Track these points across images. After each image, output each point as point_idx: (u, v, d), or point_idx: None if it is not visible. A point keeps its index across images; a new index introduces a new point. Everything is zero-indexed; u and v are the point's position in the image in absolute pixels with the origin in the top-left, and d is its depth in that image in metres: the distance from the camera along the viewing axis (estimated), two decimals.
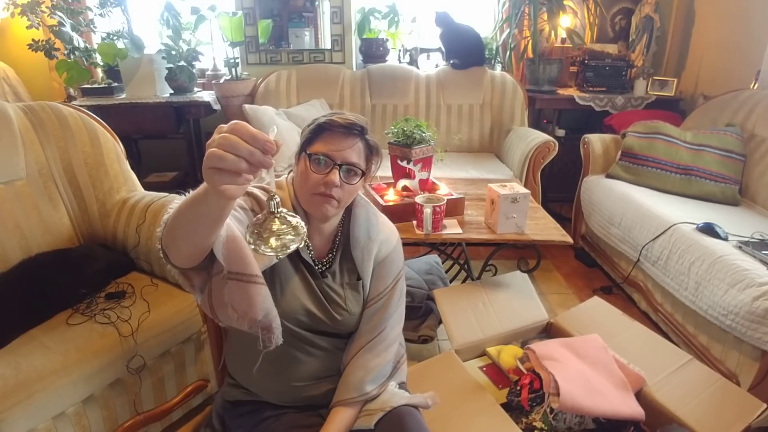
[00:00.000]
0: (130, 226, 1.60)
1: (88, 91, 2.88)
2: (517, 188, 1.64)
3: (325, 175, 0.91)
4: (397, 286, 1.06)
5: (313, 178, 0.92)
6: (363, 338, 1.02)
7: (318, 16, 3.27)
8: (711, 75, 2.98)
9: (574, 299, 2.31)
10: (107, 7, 2.81)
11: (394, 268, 1.06)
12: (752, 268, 1.52)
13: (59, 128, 1.63)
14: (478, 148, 3.07)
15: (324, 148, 0.92)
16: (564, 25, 3.07)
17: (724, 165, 2.23)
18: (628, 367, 1.32)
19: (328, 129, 0.93)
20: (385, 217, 1.11)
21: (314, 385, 1.02)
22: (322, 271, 1.02)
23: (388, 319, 1.03)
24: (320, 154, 0.92)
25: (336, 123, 0.93)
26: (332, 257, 1.03)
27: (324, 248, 1.03)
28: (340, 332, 1.04)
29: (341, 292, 1.02)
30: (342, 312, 1.01)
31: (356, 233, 1.03)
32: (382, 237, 1.05)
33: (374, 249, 1.04)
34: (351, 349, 1.02)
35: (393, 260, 1.07)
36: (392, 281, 1.05)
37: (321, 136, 0.93)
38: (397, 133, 1.84)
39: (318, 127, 0.94)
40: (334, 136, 0.93)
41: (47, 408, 1.17)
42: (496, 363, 1.45)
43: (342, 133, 0.93)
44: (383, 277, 1.05)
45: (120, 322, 1.33)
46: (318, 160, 0.91)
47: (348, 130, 0.94)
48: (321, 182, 0.91)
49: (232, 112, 3.00)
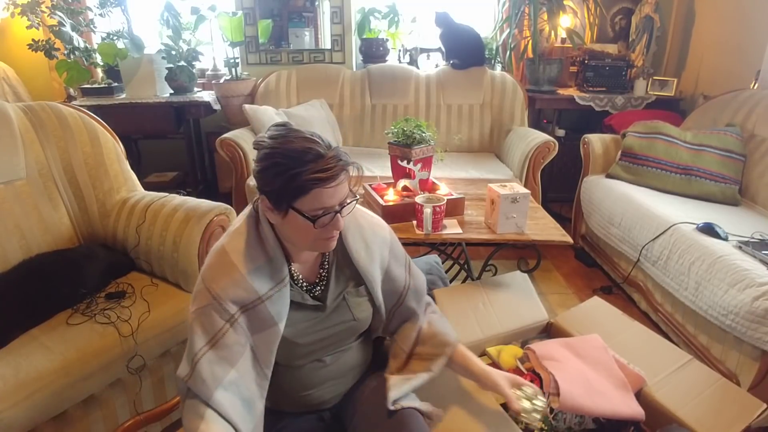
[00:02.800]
0: (130, 226, 1.60)
1: (88, 91, 2.88)
2: (517, 188, 1.64)
3: (330, 224, 0.86)
4: (410, 267, 1.11)
5: (315, 232, 0.86)
6: (417, 319, 1.10)
7: (318, 16, 3.27)
8: (711, 75, 2.98)
9: (574, 299, 2.31)
10: (107, 7, 2.81)
11: (400, 257, 1.09)
12: (752, 268, 1.52)
13: (59, 128, 1.63)
14: (478, 148, 3.07)
15: (319, 204, 0.84)
16: (564, 25, 3.07)
17: (724, 165, 2.23)
18: (628, 367, 1.32)
19: (317, 186, 0.82)
20: (369, 213, 1.08)
21: (320, 390, 1.02)
22: (319, 293, 1.00)
23: (422, 293, 1.12)
24: (317, 211, 0.84)
25: (322, 179, 0.82)
26: (326, 272, 1.01)
27: (314, 266, 1.01)
28: (350, 338, 1.05)
29: (344, 303, 1.01)
30: (349, 322, 1.01)
31: (352, 244, 1.00)
32: (379, 240, 1.04)
33: (376, 254, 1.02)
34: (410, 329, 1.10)
35: (397, 254, 1.08)
36: (405, 268, 1.09)
37: (310, 191, 0.82)
38: (397, 133, 1.84)
39: (303, 186, 0.82)
40: (327, 187, 0.83)
41: (47, 408, 1.17)
42: (496, 363, 1.45)
43: (333, 181, 0.83)
44: (397, 277, 1.07)
45: (120, 322, 1.32)
46: (318, 217, 0.84)
47: (338, 176, 0.84)
48: (326, 232, 0.87)
49: (232, 112, 3.00)
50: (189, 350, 0.87)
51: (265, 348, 0.90)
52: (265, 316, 0.89)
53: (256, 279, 0.88)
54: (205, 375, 0.83)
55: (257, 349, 0.89)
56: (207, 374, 0.83)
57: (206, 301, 0.87)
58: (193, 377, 0.83)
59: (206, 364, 0.83)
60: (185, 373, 0.85)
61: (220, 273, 0.88)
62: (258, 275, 0.89)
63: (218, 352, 0.85)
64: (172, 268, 1.52)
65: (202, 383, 0.82)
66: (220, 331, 0.86)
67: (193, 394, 0.84)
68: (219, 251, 0.91)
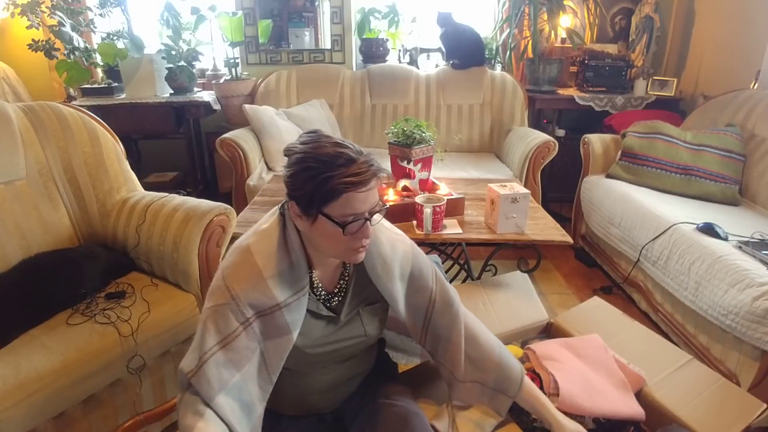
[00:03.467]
0: (130, 226, 1.60)
1: (88, 91, 2.88)
2: (517, 188, 1.64)
3: (359, 231, 0.85)
4: (437, 279, 1.05)
5: (345, 239, 0.85)
6: (458, 338, 1.02)
7: (318, 16, 3.28)
8: (711, 75, 2.98)
9: (574, 299, 2.31)
10: (107, 7, 2.82)
11: (425, 271, 1.03)
12: (752, 268, 1.52)
13: (59, 128, 1.63)
14: (478, 148, 3.07)
15: (350, 209, 0.82)
16: (564, 25, 3.07)
17: (724, 165, 2.23)
18: (628, 367, 1.32)
19: (348, 190, 0.81)
20: (390, 226, 1.04)
21: (323, 395, 1.02)
22: (335, 304, 0.98)
23: (454, 304, 1.04)
24: (348, 216, 0.83)
25: (354, 183, 0.81)
26: (345, 284, 0.99)
27: (334, 276, 0.99)
28: (358, 352, 1.04)
29: (357, 318, 0.99)
30: (360, 338, 1.00)
31: (369, 260, 0.96)
32: (399, 255, 1.00)
33: (396, 270, 0.99)
34: (456, 354, 1.03)
35: (421, 267, 1.03)
36: (432, 280, 1.03)
37: (341, 196, 0.82)
38: (397, 133, 1.84)
39: (334, 191, 0.81)
40: (358, 192, 0.82)
41: (47, 408, 1.17)
42: None
43: (364, 186, 0.83)
44: (422, 288, 1.02)
45: (120, 322, 1.32)
46: (348, 223, 0.83)
47: (369, 180, 0.83)
48: (355, 240, 0.86)
49: (232, 112, 3.00)
50: (198, 345, 0.85)
51: (275, 355, 0.89)
52: (281, 323, 0.88)
53: (277, 285, 0.87)
54: (211, 376, 0.82)
55: (267, 355, 0.88)
56: (213, 376, 0.82)
57: (224, 300, 0.86)
58: (198, 375, 0.82)
59: (214, 365, 0.83)
60: (190, 368, 0.84)
61: (243, 273, 0.87)
62: (279, 281, 0.87)
63: (228, 355, 0.84)
64: (172, 268, 1.52)
65: (207, 384, 0.82)
66: (233, 333, 0.85)
67: (195, 390, 0.83)
68: (244, 250, 0.89)
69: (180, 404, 0.84)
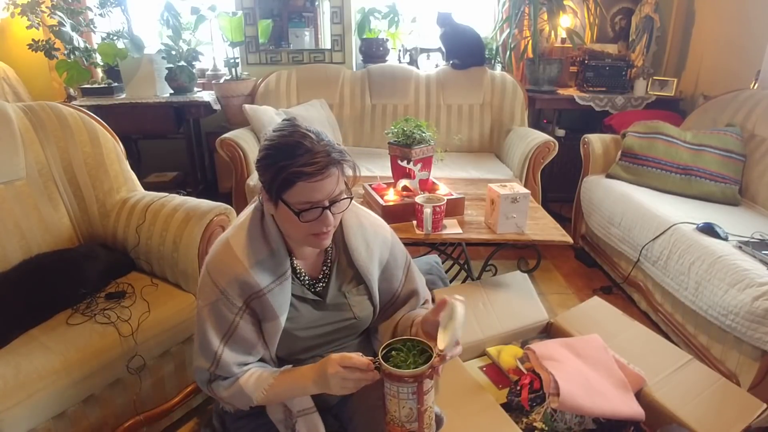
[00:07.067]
0: (130, 226, 1.60)
1: (88, 91, 2.88)
2: (517, 188, 1.64)
3: (317, 219, 0.87)
4: (408, 277, 1.10)
5: (305, 226, 0.87)
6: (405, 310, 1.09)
7: (318, 16, 3.27)
8: (711, 75, 2.98)
9: (574, 299, 2.31)
10: (107, 7, 2.81)
11: (399, 262, 1.08)
12: (752, 268, 1.52)
13: (59, 128, 1.63)
14: (478, 148, 3.07)
15: (305, 197, 0.84)
16: (564, 25, 3.07)
17: (724, 165, 2.23)
18: (628, 367, 1.32)
19: (301, 179, 0.83)
20: (372, 214, 1.09)
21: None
22: (320, 289, 1.01)
23: (420, 290, 1.11)
24: (304, 204, 0.85)
25: (306, 173, 0.82)
26: (329, 269, 1.02)
27: (317, 262, 1.02)
28: (350, 336, 1.05)
29: (345, 301, 1.02)
30: (350, 320, 1.02)
31: (353, 243, 1.01)
32: (380, 240, 1.05)
33: (376, 254, 1.03)
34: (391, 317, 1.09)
35: (396, 258, 1.07)
36: (403, 271, 1.08)
37: (296, 184, 0.84)
38: (397, 133, 1.84)
39: (287, 179, 0.83)
40: (311, 181, 0.83)
41: (47, 408, 1.17)
42: (496, 363, 1.45)
43: (318, 175, 0.84)
44: (393, 276, 1.07)
45: (120, 322, 1.33)
46: (304, 211, 0.85)
47: (323, 170, 0.84)
48: (315, 226, 0.87)
49: (232, 112, 3.00)
50: (204, 345, 0.92)
51: (267, 339, 0.95)
52: (267, 307, 0.92)
53: (258, 272, 0.91)
54: (231, 361, 0.92)
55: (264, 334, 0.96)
56: (232, 361, 0.92)
57: (215, 296, 0.91)
58: (220, 367, 0.92)
59: (229, 355, 0.92)
60: (207, 365, 0.92)
61: (225, 266, 0.92)
62: (260, 268, 0.92)
63: (235, 344, 0.93)
64: (172, 268, 1.52)
65: (229, 368, 0.92)
66: (232, 325, 0.92)
67: (220, 377, 0.93)
68: (224, 243, 0.94)
69: (213, 392, 0.95)
